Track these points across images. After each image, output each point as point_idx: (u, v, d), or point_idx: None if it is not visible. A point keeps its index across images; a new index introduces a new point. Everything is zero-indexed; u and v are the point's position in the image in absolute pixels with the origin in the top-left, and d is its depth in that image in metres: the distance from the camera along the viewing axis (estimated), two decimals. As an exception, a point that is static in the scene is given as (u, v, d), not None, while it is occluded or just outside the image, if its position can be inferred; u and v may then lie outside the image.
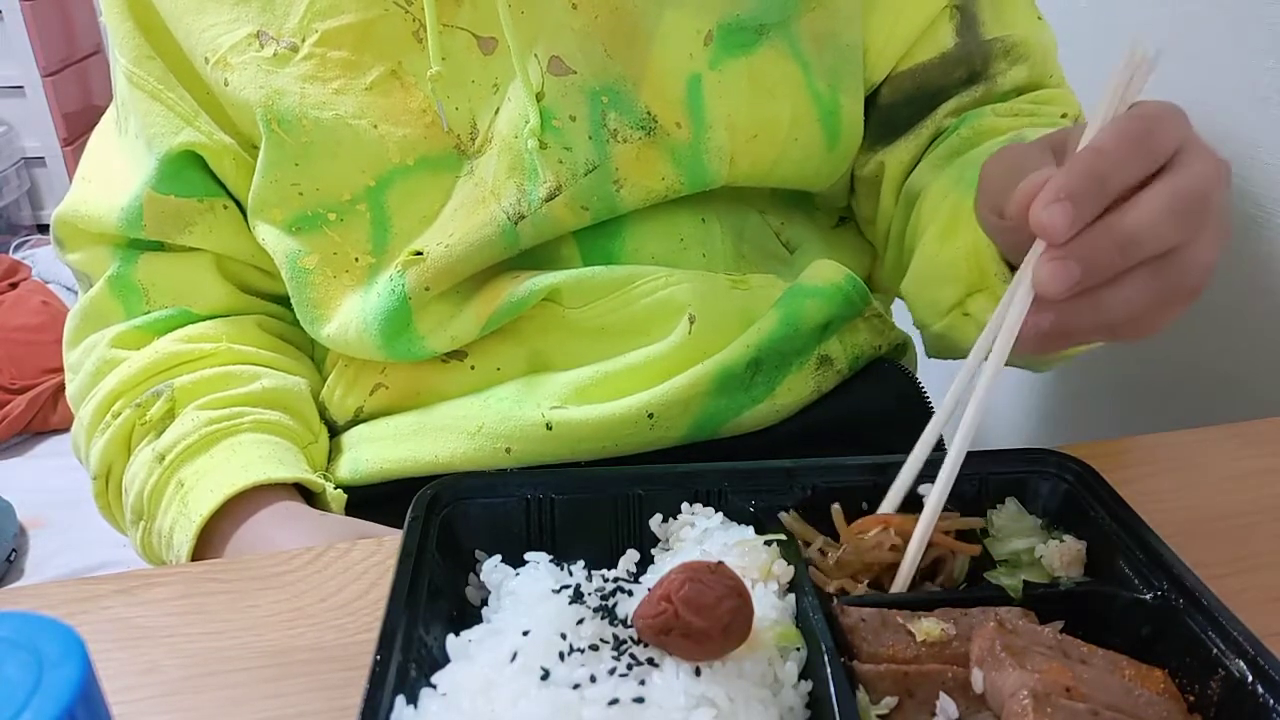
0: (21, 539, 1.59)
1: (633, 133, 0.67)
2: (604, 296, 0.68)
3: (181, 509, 0.65)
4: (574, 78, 0.66)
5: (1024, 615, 0.43)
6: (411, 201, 0.68)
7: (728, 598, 0.38)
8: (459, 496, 0.48)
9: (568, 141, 0.66)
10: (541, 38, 0.65)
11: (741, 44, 0.68)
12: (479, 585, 0.46)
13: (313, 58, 0.66)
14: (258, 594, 0.51)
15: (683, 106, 0.68)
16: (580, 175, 0.67)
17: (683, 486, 0.49)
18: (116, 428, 0.69)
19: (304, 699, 0.45)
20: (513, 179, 0.67)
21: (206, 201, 0.72)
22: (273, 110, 0.66)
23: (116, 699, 0.30)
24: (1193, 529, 0.53)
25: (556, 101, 0.66)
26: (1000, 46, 0.74)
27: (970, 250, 0.63)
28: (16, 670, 0.26)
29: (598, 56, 0.66)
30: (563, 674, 0.37)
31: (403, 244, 0.68)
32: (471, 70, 0.66)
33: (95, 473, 0.71)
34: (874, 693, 0.39)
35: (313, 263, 0.70)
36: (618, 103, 0.67)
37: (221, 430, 0.68)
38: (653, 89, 0.67)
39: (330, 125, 0.66)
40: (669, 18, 0.67)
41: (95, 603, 0.51)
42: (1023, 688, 0.37)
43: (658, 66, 0.67)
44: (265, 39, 0.66)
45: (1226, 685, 0.39)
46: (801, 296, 0.69)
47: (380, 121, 0.66)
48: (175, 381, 0.70)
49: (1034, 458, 0.51)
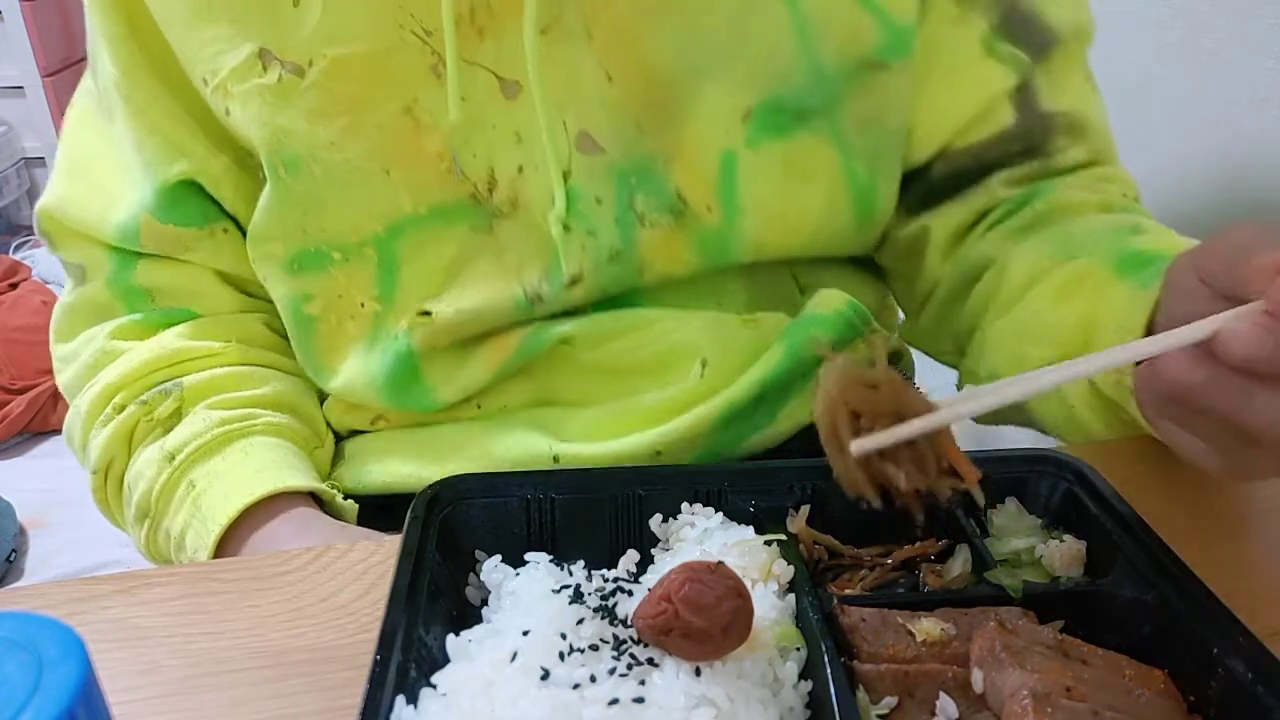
0: (21, 539, 1.59)
1: (660, 216, 0.65)
2: (616, 340, 0.67)
3: (194, 511, 0.64)
4: (602, 156, 0.63)
5: (1024, 615, 0.43)
6: (422, 251, 0.65)
7: (728, 598, 0.38)
8: (459, 496, 0.48)
9: (592, 226, 0.64)
10: (572, 109, 0.62)
11: (780, 126, 0.65)
12: (479, 585, 0.47)
13: (319, 89, 0.61)
14: (258, 594, 0.51)
15: (714, 187, 0.65)
16: (604, 263, 0.65)
17: (683, 486, 0.49)
18: (119, 423, 0.68)
19: (304, 699, 0.45)
20: (537, 261, 0.64)
21: (207, 228, 0.70)
22: (279, 153, 0.63)
23: (116, 699, 0.30)
24: (1193, 529, 0.53)
25: (583, 182, 0.63)
26: (1061, 122, 0.71)
27: (1083, 319, 0.60)
28: (16, 670, 0.26)
29: (629, 134, 0.63)
30: (563, 674, 0.37)
31: (411, 293, 0.66)
32: (491, 114, 0.62)
33: (95, 467, 0.69)
34: (874, 693, 0.39)
35: (317, 309, 0.68)
36: (647, 183, 0.64)
37: (235, 431, 0.67)
38: (685, 167, 0.64)
39: (339, 170, 0.62)
40: (709, 91, 0.63)
41: (95, 603, 0.51)
42: (1023, 688, 0.37)
43: (692, 143, 0.64)
44: (269, 60, 0.61)
45: (1226, 685, 0.39)
46: (807, 326, 0.68)
47: (393, 166, 0.62)
48: (184, 380, 0.68)
49: (1034, 458, 0.51)
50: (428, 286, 0.66)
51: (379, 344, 0.67)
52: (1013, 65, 0.68)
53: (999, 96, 0.69)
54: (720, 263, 0.67)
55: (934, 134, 0.70)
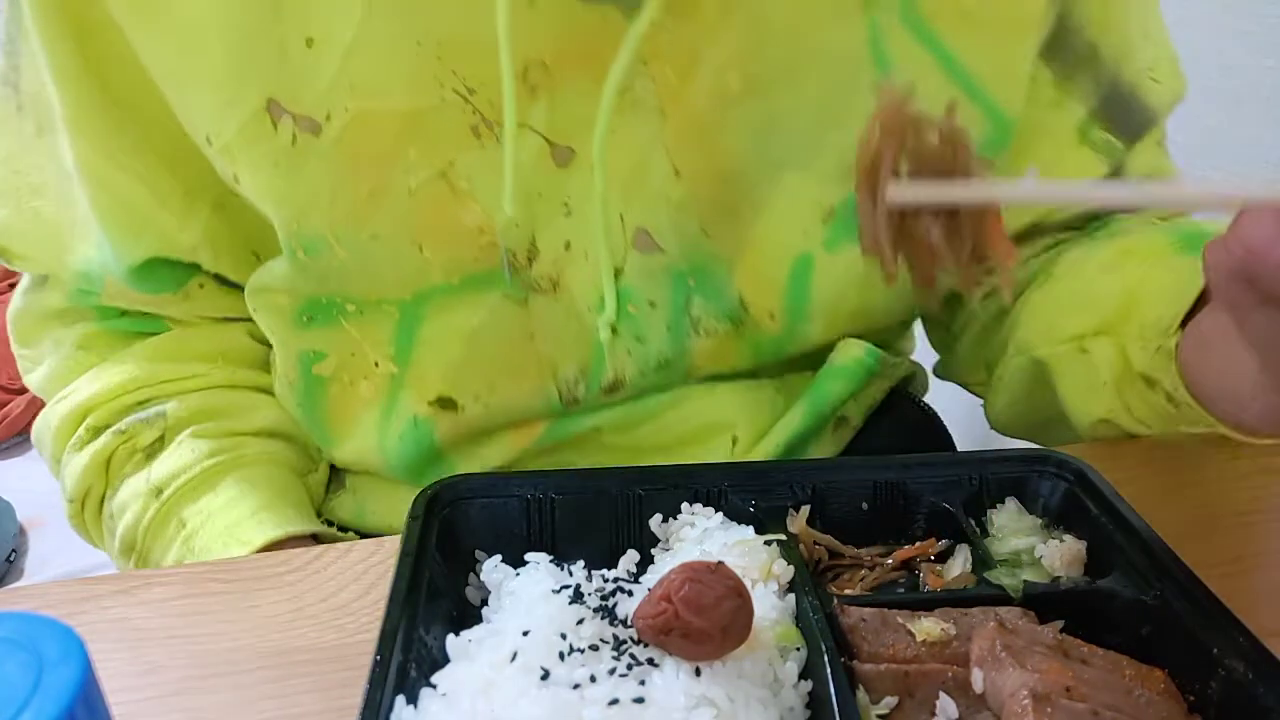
0: (21, 539, 1.59)
1: (718, 324, 0.59)
2: (647, 424, 0.64)
3: (187, 551, 0.61)
4: (660, 257, 0.57)
5: (1024, 615, 0.43)
6: (447, 314, 0.59)
7: (728, 598, 0.38)
8: (459, 496, 0.48)
9: (641, 331, 0.58)
10: (633, 201, 0.56)
11: None
12: (479, 585, 0.46)
13: (340, 147, 0.53)
14: (258, 594, 0.51)
15: (780, 294, 0.59)
16: (650, 370, 0.60)
17: (683, 486, 0.49)
18: (95, 451, 0.63)
19: (304, 699, 0.45)
20: (573, 357, 0.59)
21: (181, 291, 0.63)
22: (298, 236, 0.55)
23: (116, 699, 0.30)
24: (1193, 529, 0.53)
25: (637, 283, 0.58)
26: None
27: (1129, 287, 0.56)
28: (16, 670, 0.26)
29: (692, 233, 0.57)
30: (563, 674, 0.37)
31: (429, 357, 0.60)
32: (539, 182, 0.55)
33: (71, 495, 0.64)
34: (874, 693, 0.39)
35: (329, 369, 0.61)
36: (706, 287, 0.59)
37: (225, 463, 0.62)
38: (750, 271, 0.58)
39: (365, 247, 0.55)
40: (788, 184, 0.57)
41: (95, 603, 0.51)
42: (1023, 688, 0.37)
43: (761, 243, 0.58)
44: (278, 114, 0.52)
45: (1226, 685, 0.39)
46: (826, 382, 0.65)
47: (425, 241, 0.55)
48: (166, 408, 0.63)
49: (1034, 458, 0.51)
50: (449, 350, 0.60)
51: (395, 420, 0.62)
52: (1106, 153, 0.64)
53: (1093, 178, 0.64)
54: (771, 361, 0.63)
55: (1018, 218, 0.65)
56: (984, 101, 0.58)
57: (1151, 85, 0.65)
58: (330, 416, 0.64)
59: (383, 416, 0.62)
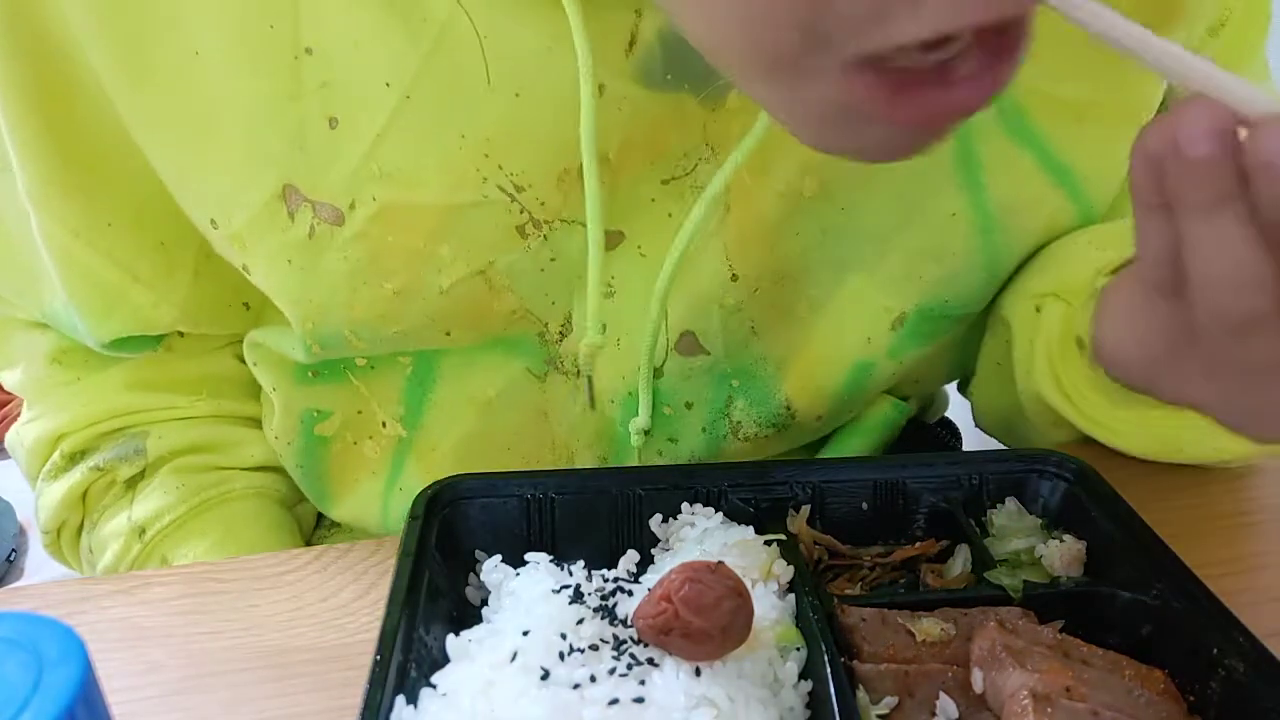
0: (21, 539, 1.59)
1: (759, 430, 0.55)
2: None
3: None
4: (704, 360, 0.53)
5: (1024, 615, 0.43)
6: (464, 377, 0.55)
7: (728, 598, 0.38)
8: (459, 496, 0.48)
9: (675, 432, 0.54)
10: (680, 302, 0.51)
11: (935, 334, 0.54)
12: (479, 585, 0.46)
13: (365, 241, 0.47)
14: (258, 594, 0.51)
15: (832, 400, 0.55)
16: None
17: (683, 486, 0.49)
18: (71, 484, 0.59)
19: (304, 699, 0.45)
20: (595, 450, 0.56)
21: (163, 344, 0.59)
22: (315, 335, 0.51)
23: (116, 699, 0.30)
24: (1193, 529, 0.53)
25: (675, 385, 0.53)
26: None
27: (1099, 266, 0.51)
28: (16, 670, 0.26)
29: (741, 335, 0.53)
30: (563, 674, 0.37)
31: (440, 423, 0.56)
32: (581, 265, 0.50)
33: (46, 527, 0.61)
34: (874, 693, 0.39)
35: (332, 429, 0.57)
36: (750, 389, 0.54)
37: (211, 500, 0.59)
38: (801, 376, 0.54)
39: (389, 341, 0.51)
40: (851, 286, 0.52)
41: (95, 603, 0.51)
42: (1023, 688, 0.37)
43: (818, 348, 0.53)
44: (296, 202, 0.47)
45: (1226, 685, 0.39)
46: (852, 437, 0.62)
47: (455, 328, 0.51)
48: (147, 444, 0.59)
49: (1034, 458, 0.51)
50: (462, 419, 0.56)
51: (399, 494, 0.58)
52: None
53: None
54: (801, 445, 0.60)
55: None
56: (1082, 201, 0.54)
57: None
58: (330, 476, 0.60)
59: (387, 486, 0.59)
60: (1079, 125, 0.51)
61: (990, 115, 0.50)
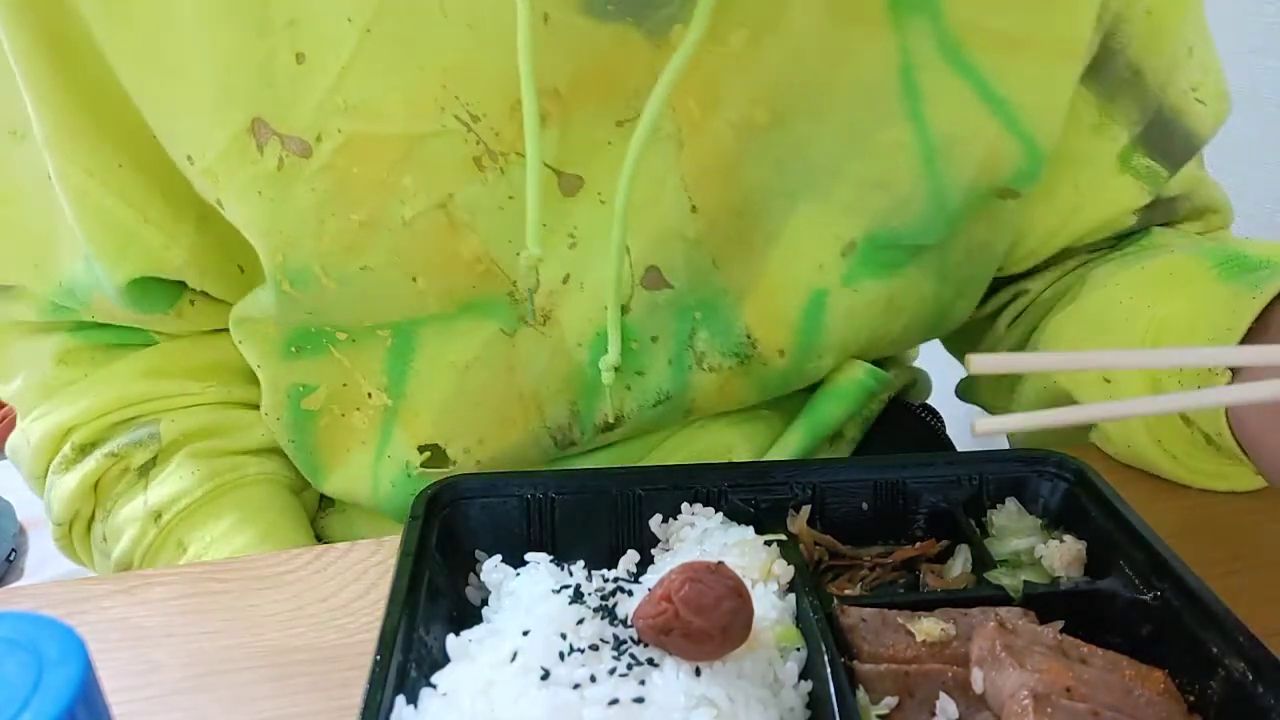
0: (21, 539, 1.59)
1: (723, 360, 0.57)
2: (644, 456, 0.63)
3: None
4: (668, 293, 0.55)
5: (1024, 615, 0.43)
6: (441, 345, 0.56)
7: (728, 598, 0.38)
8: (459, 496, 0.48)
9: (642, 365, 0.56)
10: (643, 238, 0.53)
11: (888, 264, 0.56)
12: (479, 585, 0.46)
13: (331, 173, 0.49)
14: (258, 594, 0.51)
15: (792, 330, 0.57)
16: (648, 406, 0.57)
17: (683, 486, 0.49)
18: (84, 473, 0.60)
19: (304, 699, 0.45)
20: (562, 397, 0.57)
21: (173, 310, 0.60)
22: (283, 267, 0.52)
23: (116, 699, 0.30)
24: (1193, 529, 0.53)
25: (641, 320, 0.55)
26: (1185, 209, 0.65)
27: (1160, 316, 0.53)
28: (16, 670, 0.26)
29: (703, 268, 0.54)
30: (563, 674, 0.37)
31: (422, 390, 0.57)
32: (545, 213, 0.51)
33: (59, 518, 0.62)
34: (874, 693, 0.39)
35: (318, 402, 0.59)
36: (712, 320, 0.56)
37: (225, 484, 0.61)
38: (759, 305, 0.56)
39: (355, 279, 0.52)
40: (803, 215, 0.54)
41: (95, 603, 0.51)
42: (1023, 688, 0.37)
43: (773, 277, 0.55)
44: (265, 135, 0.49)
45: (1226, 685, 0.39)
46: (825, 403, 0.63)
47: (421, 274, 0.52)
48: (160, 428, 0.60)
49: (1034, 458, 0.51)
50: (440, 385, 0.58)
51: (388, 464, 0.60)
52: (1149, 181, 0.61)
53: (1128, 213, 0.62)
54: (776, 395, 0.61)
55: (1047, 246, 0.63)
56: (1021, 134, 0.55)
57: (1196, 107, 0.61)
58: (320, 450, 0.61)
59: (376, 456, 0.60)
60: (1012, 56, 0.53)
61: (931, 47, 0.52)
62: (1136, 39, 0.58)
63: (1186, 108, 0.61)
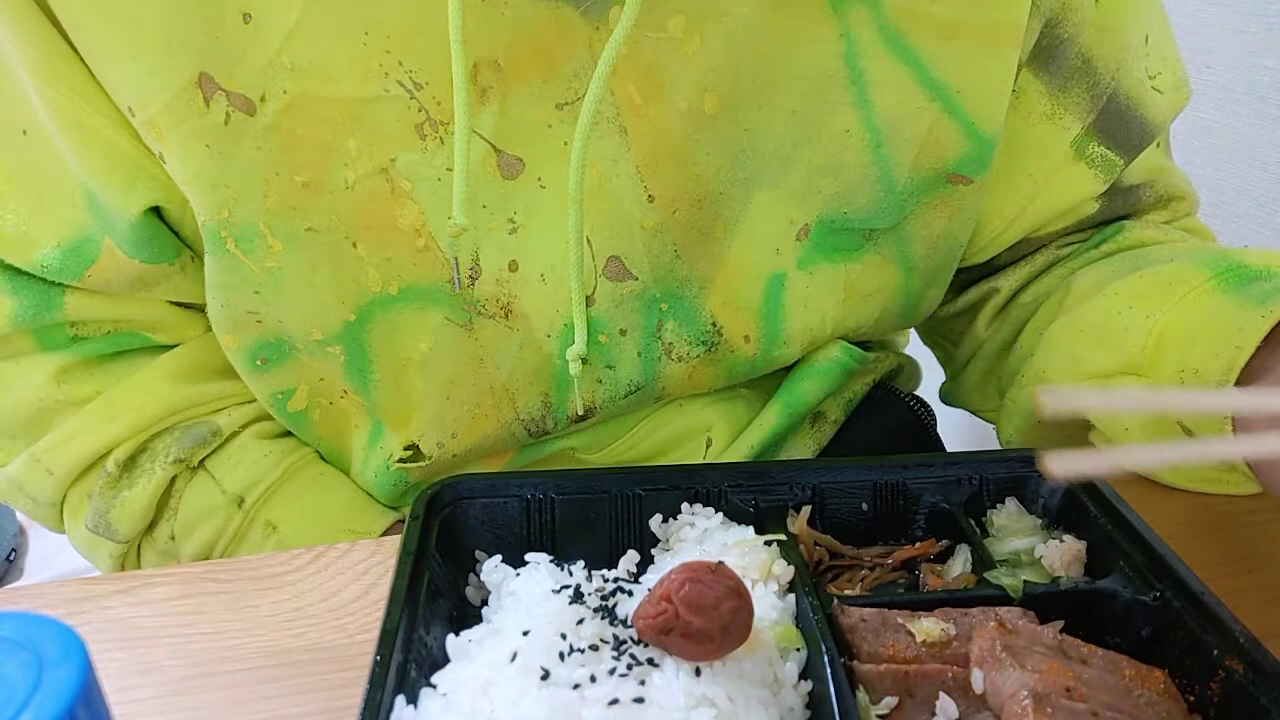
0: (21, 539, 1.59)
1: (691, 349, 0.58)
2: (622, 438, 0.63)
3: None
4: (633, 284, 0.55)
5: (1024, 615, 0.43)
6: (394, 339, 0.56)
7: (728, 598, 0.38)
8: (459, 496, 0.48)
9: (612, 359, 0.57)
10: (602, 228, 0.54)
11: (843, 247, 0.57)
12: (479, 585, 0.47)
13: (277, 132, 0.49)
14: (258, 594, 0.51)
15: (755, 316, 0.58)
16: (619, 397, 0.58)
17: (683, 486, 0.49)
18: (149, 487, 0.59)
19: (304, 699, 0.45)
20: (535, 387, 0.57)
21: (178, 262, 0.57)
22: (229, 224, 0.51)
23: (116, 699, 0.30)
24: (1193, 529, 0.53)
25: (608, 312, 0.56)
26: (1148, 197, 0.65)
27: (1165, 329, 0.53)
28: (16, 670, 0.26)
29: (665, 259, 0.55)
30: (563, 674, 0.37)
31: (386, 387, 0.58)
32: (484, 193, 0.52)
33: (126, 536, 0.60)
34: (874, 693, 0.39)
35: (302, 402, 0.59)
36: (679, 310, 0.57)
37: (299, 461, 0.61)
38: (722, 293, 0.57)
39: (300, 240, 0.52)
40: (759, 202, 0.55)
41: (95, 603, 0.51)
42: (1023, 688, 0.37)
43: (734, 264, 0.56)
44: (211, 90, 0.48)
45: (1226, 685, 0.39)
46: (801, 381, 0.64)
47: (360, 239, 0.52)
48: (219, 421, 0.60)
49: (1034, 458, 0.51)
50: (405, 382, 0.58)
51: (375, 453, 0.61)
52: (1104, 169, 0.61)
53: (1086, 200, 0.62)
54: (745, 379, 0.62)
55: (1006, 234, 0.63)
56: (962, 118, 0.56)
57: (1152, 96, 0.62)
58: (327, 439, 0.62)
59: (370, 443, 0.61)
60: (950, 41, 0.54)
61: (874, 35, 0.53)
62: (1086, 27, 0.59)
63: (1142, 96, 0.61)
